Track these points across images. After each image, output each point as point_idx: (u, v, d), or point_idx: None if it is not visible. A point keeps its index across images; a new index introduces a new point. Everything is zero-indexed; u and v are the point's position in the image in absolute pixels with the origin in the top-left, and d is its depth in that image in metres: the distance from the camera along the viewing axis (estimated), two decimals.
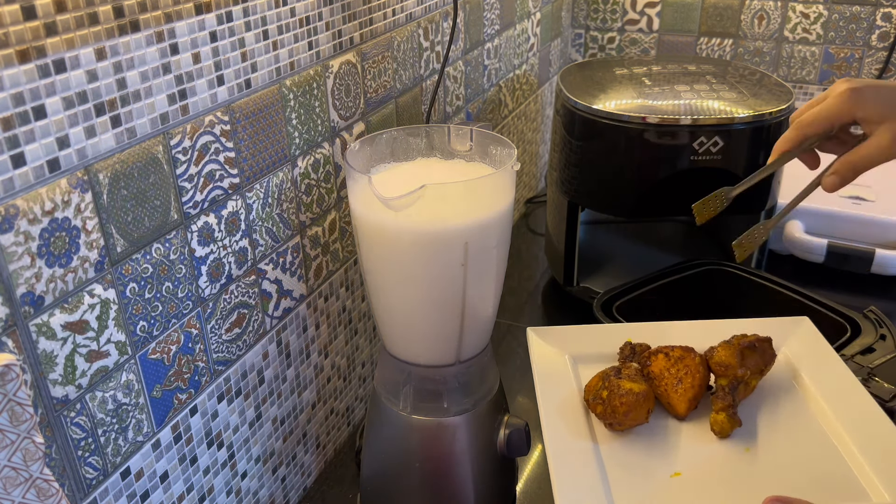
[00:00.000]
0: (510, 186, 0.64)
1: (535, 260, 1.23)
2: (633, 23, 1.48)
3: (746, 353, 0.66)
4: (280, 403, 0.74)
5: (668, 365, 0.66)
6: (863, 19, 1.32)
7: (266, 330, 0.69)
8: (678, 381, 0.65)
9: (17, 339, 0.45)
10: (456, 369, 0.67)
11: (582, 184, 0.98)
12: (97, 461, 0.53)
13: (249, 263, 0.65)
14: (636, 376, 0.65)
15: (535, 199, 1.40)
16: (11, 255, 0.44)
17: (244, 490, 0.71)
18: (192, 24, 0.54)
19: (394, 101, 0.84)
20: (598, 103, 0.93)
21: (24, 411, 0.40)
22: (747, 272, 0.94)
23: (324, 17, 0.69)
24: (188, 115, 0.56)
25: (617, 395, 0.63)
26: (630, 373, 0.65)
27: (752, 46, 1.41)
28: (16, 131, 0.43)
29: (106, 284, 0.51)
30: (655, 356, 0.67)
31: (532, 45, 1.29)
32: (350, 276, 0.82)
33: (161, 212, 0.55)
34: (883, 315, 0.84)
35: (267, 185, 0.66)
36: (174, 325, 0.58)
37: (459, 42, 1.00)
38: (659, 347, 0.68)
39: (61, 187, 0.47)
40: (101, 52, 0.48)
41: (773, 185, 0.96)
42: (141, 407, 0.56)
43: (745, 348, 0.66)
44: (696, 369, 0.65)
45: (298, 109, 0.68)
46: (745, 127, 0.89)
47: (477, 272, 0.62)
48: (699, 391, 0.66)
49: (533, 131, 1.37)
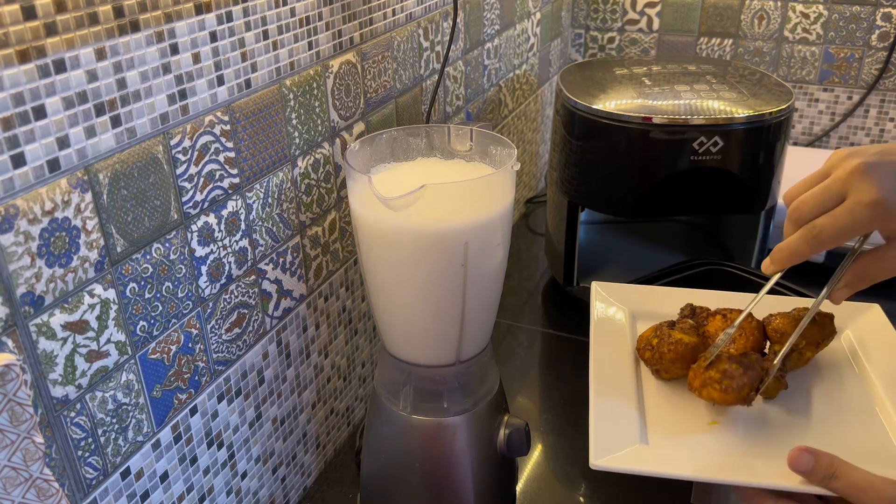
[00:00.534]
0: (510, 186, 0.64)
1: (535, 260, 1.23)
2: (633, 23, 1.48)
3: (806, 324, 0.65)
4: (280, 403, 0.74)
5: (725, 326, 0.66)
6: (863, 19, 1.32)
7: (266, 330, 0.69)
8: (732, 341, 0.65)
9: (17, 339, 0.45)
10: (456, 369, 0.67)
11: (582, 184, 0.98)
12: (97, 461, 0.53)
13: (249, 263, 0.65)
14: (690, 330, 0.66)
15: (535, 199, 1.40)
16: (11, 255, 0.44)
17: (244, 490, 0.71)
18: (192, 24, 0.54)
19: (394, 101, 0.84)
20: (598, 103, 0.93)
21: (23, 411, 0.40)
22: (747, 272, 0.94)
23: (324, 16, 0.69)
24: (188, 115, 0.56)
25: (666, 343, 0.64)
26: (684, 326, 0.66)
27: (752, 46, 1.41)
28: (16, 131, 0.43)
29: (106, 284, 0.51)
30: (713, 317, 0.68)
31: (532, 45, 1.29)
32: (350, 276, 0.82)
33: (161, 212, 0.55)
34: None
35: (267, 185, 0.66)
36: (174, 325, 0.58)
37: (459, 42, 1.00)
38: (718, 309, 0.69)
39: (61, 187, 0.47)
40: (101, 52, 0.48)
41: (774, 185, 0.96)
42: (141, 407, 0.56)
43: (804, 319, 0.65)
44: (752, 332, 0.65)
45: (298, 109, 0.68)
46: (745, 127, 0.89)
47: (477, 272, 0.62)
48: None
49: (533, 131, 1.37)
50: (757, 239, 1.01)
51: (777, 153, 0.94)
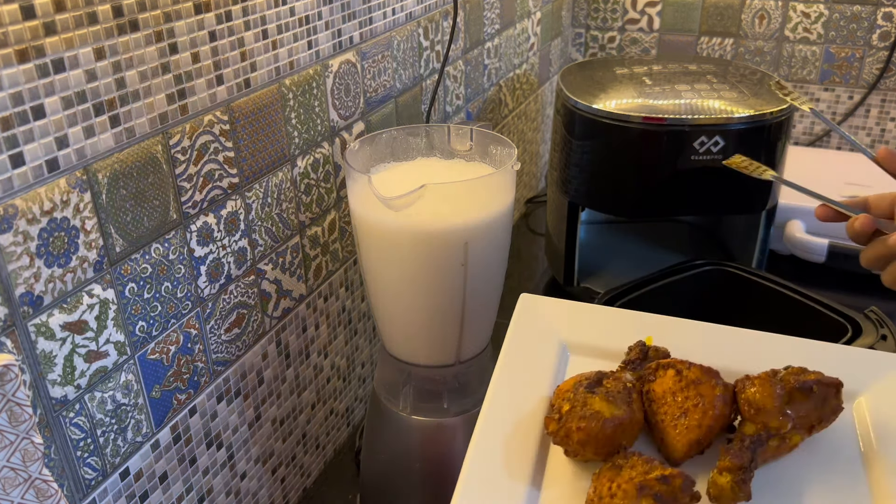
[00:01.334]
0: (510, 186, 0.64)
1: (535, 260, 1.23)
2: (633, 22, 1.47)
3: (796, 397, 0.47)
4: (279, 404, 0.73)
5: (677, 387, 0.48)
6: (864, 19, 1.32)
7: (265, 330, 0.69)
8: (683, 412, 0.47)
9: (16, 339, 0.45)
10: (456, 369, 0.67)
11: (582, 184, 0.98)
12: (96, 462, 0.53)
13: (249, 263, 0.65)
14: (620, 395, 0.47)
15: (535, 199, 1.40)
16: (10, 255, 0.44)
17: (243, 491, 0.71)
18: (191, 24, 0.54)
19: (393, 101, 0.84)
20: (598, 103, 0.93)
21: (22, 411, 0.40)
22: (748, 272, 0.94)
23: (323, 16, 0.69)
24: (187, 115, 0.55)
25: (577, 416, 0.46)
26: (614, 388, 0.48)
27: (752, 46, 1.40)
28: (14, 131, 0.43)
29: (105, 284, 0.51)
30: (664, 371, 0.49)
31: (532, 44, 1.28)
32: (350, 276, 0.82)
33: (160, 212, 0.55)
34: (884, 315, 0.83)
35: (266, 184, 0.66)
36: (173, 325, 0.58)
37: (459, 41, 1.00)
38: (674, 361, 0.50)
39: (60, 187, 0.46)
40: (100, 52, 0.47)
41: (774, 185, 0.96)
42: (140, 407, 0.56)
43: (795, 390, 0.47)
44: (712, 403, 0.47)
45: (298, 109, 0.68)
46: (745, 126, 0.89)
47: (477, 272, 0.62)
48: (707, 433, 0.47)
49: (533, 131, 1.37)
50: (757, 239, 1.01)
51: (778, 153, 0.94)
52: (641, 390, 0.50)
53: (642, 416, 0.49)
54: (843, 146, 1.42)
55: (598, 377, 0.49)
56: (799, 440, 0.47)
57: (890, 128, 1.38)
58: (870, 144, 1.40)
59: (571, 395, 0.48)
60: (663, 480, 0.41)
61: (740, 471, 0.44)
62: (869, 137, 1.40)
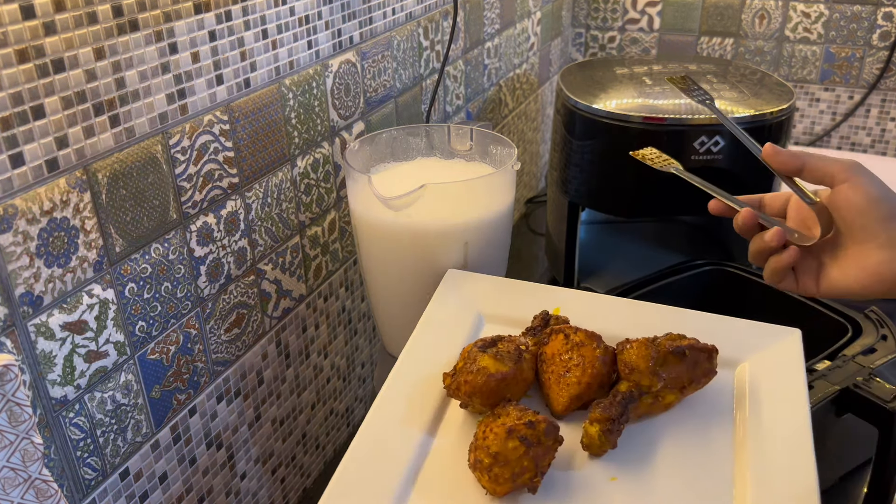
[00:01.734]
0: (510, 186, 0.64)
1: (535, 260, 1.23)
2: (633, 22, 1.47)
3: (669, 360, 0.50)
4: (279, 404, 0.73)
5: (563, 349, 0.52)
6: (864, 19, 1.32)
7: (265, 330, 0.69)
8: (566, 370, 0.51)
9: (16, 339, 0.45)
10: None
11: (582, 184, 0.98)
12: (96, 462, 0.53)
13: (248, 263, 0.65)
14: (509, 354, 0.51)
15: (535, 199, 1.40)
16: (10, 255, 0.44)
17: (243, 491, 0.71)
18: (190, 24, 0.54)
19: (393, 101, 0.84)
20: (598, 103, 0.93)
21: (22, 412, 0.40)
22: (748, 272, 0.94)
23: (323, 16, 0.69)
24: (187, 115, 0.55)
25: (466, 371, 0.50)
26: (505, 348, 0.52)
27: (752, 46, 1.40)
28: (14, 131, 0.43)
29: (105, 284, 0.51)
30: (556, 336, 0.53)
31: (532, 44, 1.28)
32: (350, 276, 0.82)
33: (160, 212, 0.55)
34: (884, 315, 0.83)
35: (266, 184, 0.66)
36: (173, 325, 0.58)
37: (459, 41, 0.99)
38: (564, 326, 0.54)
39: (60, 187, 0.46)
40: (99, 52, 0.47)
41: (774, 184, 0.96)
42: (140, 407, 0.56)
43: (669, 353, 0.50)
44: (592, 363, 0.51)
45: (298, 109, 0.68)
46: (745, 126, 0.89)
47: (477, 272, 0.62)
48: (587, 390, 0.51)
49: (533, 131, 1.37)
50: None
51: None
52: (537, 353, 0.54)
53: (532, 375, 0.53)
54: (843, 146, 1.42)
55: (494, 339, 0.53)
56: (673, 399, 0.52)
57: (890, 128, 1.38)
58: (870, 144, 1.40)
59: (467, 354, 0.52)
60: (529, 425, 0.45)
61: (608, 422, 0.48)
62: (869, 137, 1.40)
